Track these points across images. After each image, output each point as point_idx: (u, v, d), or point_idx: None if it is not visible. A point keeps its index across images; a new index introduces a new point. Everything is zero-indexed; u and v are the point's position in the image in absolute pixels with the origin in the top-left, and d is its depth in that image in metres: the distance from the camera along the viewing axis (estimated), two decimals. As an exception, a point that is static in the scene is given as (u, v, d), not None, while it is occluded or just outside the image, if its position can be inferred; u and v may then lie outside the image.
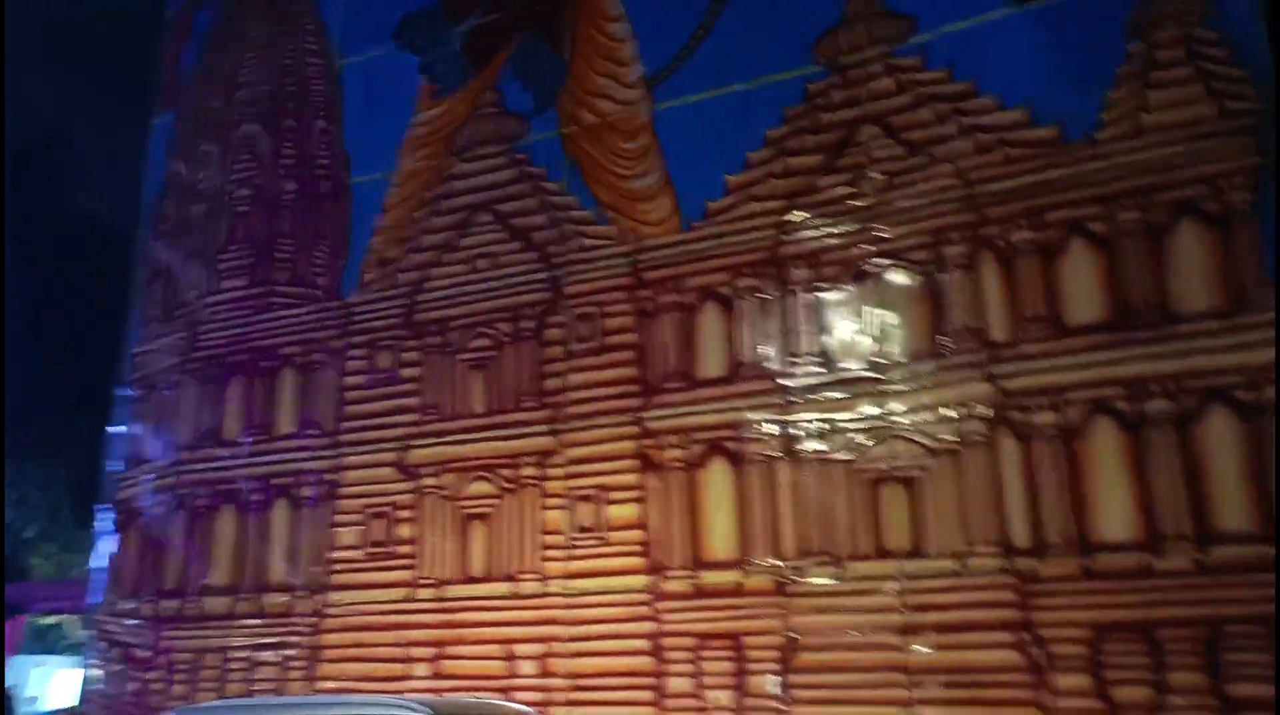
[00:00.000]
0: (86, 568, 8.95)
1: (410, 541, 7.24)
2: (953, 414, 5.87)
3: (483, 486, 7.13)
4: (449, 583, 7.02)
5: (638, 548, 6.54)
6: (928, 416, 5.95)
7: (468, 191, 7.69)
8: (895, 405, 6.04)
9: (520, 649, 6.68)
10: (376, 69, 8.35)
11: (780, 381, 6.37)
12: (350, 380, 7.76)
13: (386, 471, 7.45)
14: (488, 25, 7.94)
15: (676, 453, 6.58)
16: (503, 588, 6.85)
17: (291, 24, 8.75)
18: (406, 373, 7.54)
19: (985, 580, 5.60)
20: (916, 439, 5.96)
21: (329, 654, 7.27)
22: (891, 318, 6.19)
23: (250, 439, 8.03)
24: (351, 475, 7.59)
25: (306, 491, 7.73)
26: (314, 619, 7.38)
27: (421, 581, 7.11)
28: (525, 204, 7.46)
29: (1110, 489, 5.44)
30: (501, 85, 7.80)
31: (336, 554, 7.46)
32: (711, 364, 6.62)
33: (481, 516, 7.09)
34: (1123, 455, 5.45)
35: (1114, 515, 5.40)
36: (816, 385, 6.28)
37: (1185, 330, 5.44)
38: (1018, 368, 5.78)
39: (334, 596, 7.36)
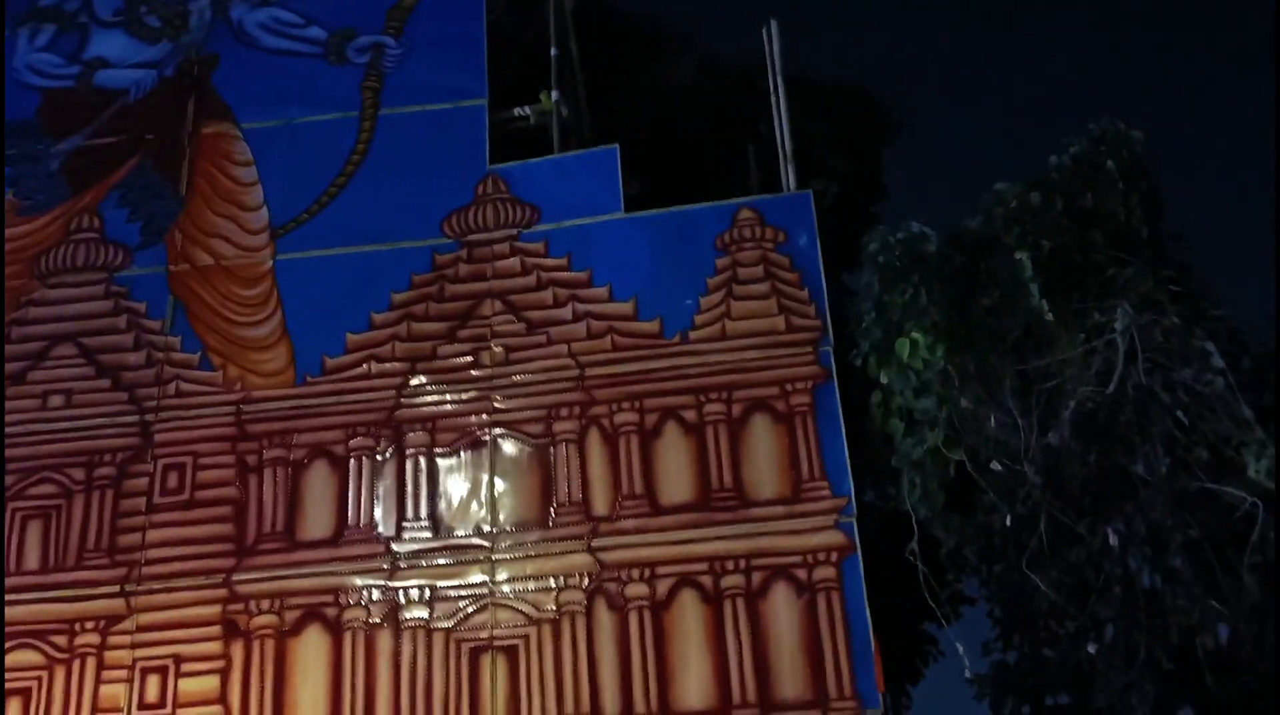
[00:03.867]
0: None
1: (-82, 726, 6.05)
2: (554, 584, 6.10)
3: (26, 656, 6.16)
4: (-35, 777, 5.91)
5: (213, 726, 5.97)
6: (531, 586, 6.12)
7: (49, 319, 6.90)
8: (501, 573, 6.16)
9: None
10: (-51, 173, 7.41)
11: (388, 545, 6.27)
12: None
13: (-107, 639, 6.22)
14: (95, 147, 7.39)
15: (268, 619, 6.16)
16: (38, 780, 5.89)
17: None
18: (-61, 521, 6.45)
19: (577, 750, 5.77)
20: (519, 608, 6.09)
21: None
22: (502, 486, 6.38)
23: None
24: None
25: None
26: None
27: (-72, 777, 5.91)
28: (118, 340, 6.84)
29: (691, 659, 5.87)
30: (104, 211, 7.23)
31: None
32: (316, 525, 6.37)
33: (20, 692, 6.09)
34: (703, 627, 5.94)
35: (693, 684, 5.82)
36: (424, 550, 6.25)
37: (756, 514, 6.15)
38: (616, 541, 6.16)
39: None
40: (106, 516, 6.40)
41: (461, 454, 6.47)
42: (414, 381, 6.63)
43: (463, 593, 6.13)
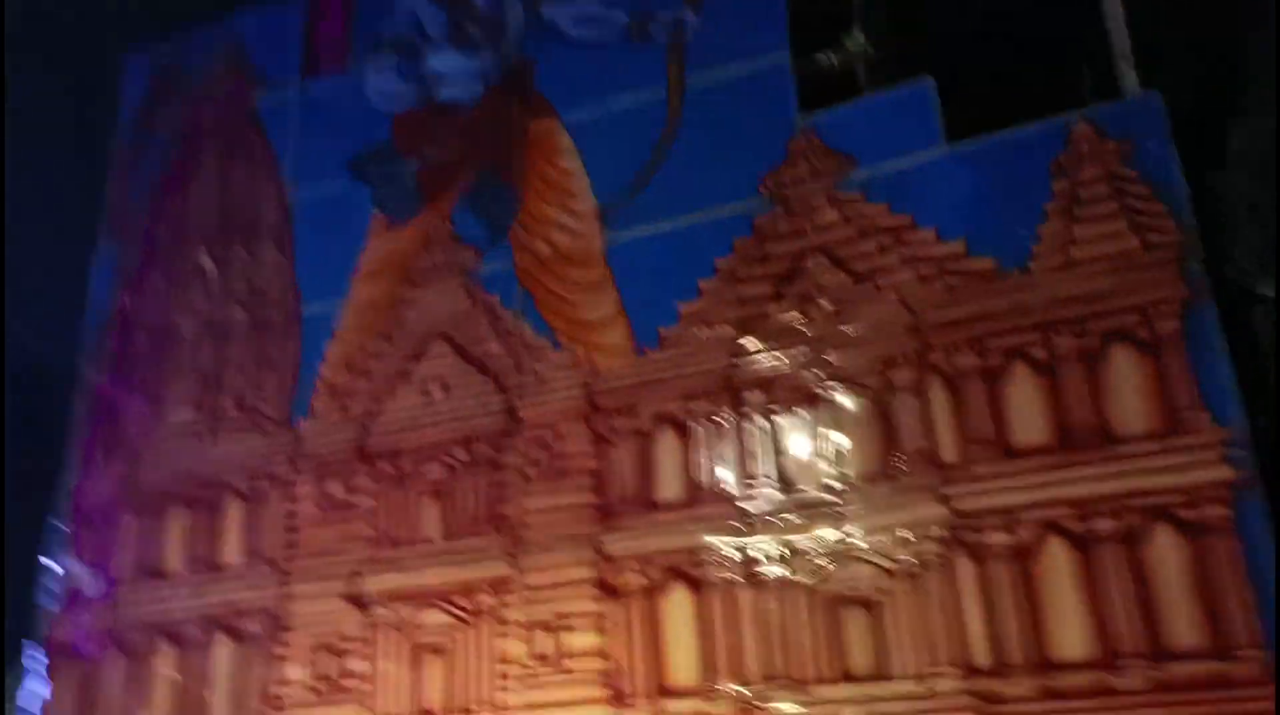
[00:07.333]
0: (13, 708, 8.47)
1: (361, 676, 7.05)
2: (909, 536, 6.00)
3: (437, 617, 7.01)
4: (403, 718, 6.84)
5: (598, 677, 6.46)
6: (884, 539, 6.05)
7: (422, 320, 7.73)
8: (852, 528, 6.15)
9: (478, 788, 6.50)
10: (329, 200, 8.41)
11: (738, 505, 6.45)
12: (298, 510, 7.62)
13: (336, 604, 7.28)
14: (440, 160, 8.14)
15: (636, 578, 6.57)
16: (459, 722, 6.68)
17: (243, 154, 8.84)
18: (357, 502, 7.45)
19: (948, 702, 5.65)
20: (875, 561, 6.05)
21: (276, 800, 6.98)
22: (845, 441, 6.34)
23: (191, 573, 7.80)
24: (298, 608, 7.39)
25: (250, 626, 7.50)
26: (260, 763, 7.09)
27: (374, 718, 6.91)
28: (479, 332, 7.52)
29: (1065, 608, 5.58)
30: (455, 217, 7.96)
31: (281, 691, 7.22)
32: (669, 488, 6.68)
33: (436, 648, 6.95)
34: (1075, 574, 5.61)
35: (1070, 635, 5.53)
36: (774, 509, 6.36)
37: (1125, 452, 5.67)
38: (969, 489, 5.94)
39: (280, 737, 7.10)
40: (488, 491, 7.11)
41: (800, 411, 6.51)
42: (745, 344, 6.74)
43: (816, 549, 6.20)
